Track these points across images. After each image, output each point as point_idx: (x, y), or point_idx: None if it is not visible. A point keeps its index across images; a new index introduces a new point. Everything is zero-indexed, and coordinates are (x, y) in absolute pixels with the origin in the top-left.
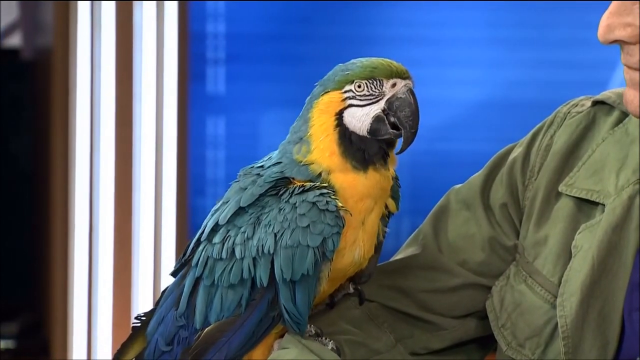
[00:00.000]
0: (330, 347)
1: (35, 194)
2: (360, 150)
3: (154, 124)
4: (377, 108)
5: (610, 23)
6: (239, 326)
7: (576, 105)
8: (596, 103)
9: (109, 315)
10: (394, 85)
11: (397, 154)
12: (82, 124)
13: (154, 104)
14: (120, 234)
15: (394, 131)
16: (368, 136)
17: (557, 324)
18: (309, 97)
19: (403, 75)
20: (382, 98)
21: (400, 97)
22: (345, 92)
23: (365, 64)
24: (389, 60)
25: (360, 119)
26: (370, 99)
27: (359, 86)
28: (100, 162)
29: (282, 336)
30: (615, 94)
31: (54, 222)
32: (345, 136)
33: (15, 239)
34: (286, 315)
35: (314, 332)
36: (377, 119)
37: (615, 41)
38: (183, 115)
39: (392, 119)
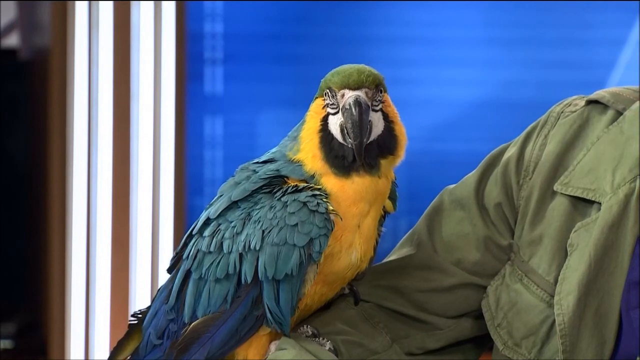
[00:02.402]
0: (327, 347)
1: (32, 193)
2: (339, 157)
3: (152, 123)
4: (339, 117)
5: None
6: (223, 322)
7: (569, 105)
8: (590, 102)
9: (106, 315)
10: (342, 96)
11: (359, 164)
12: (80, 123)
13: (152, 103)
14: (118, 234)
15: (351, 141)
16: (344, 143)
17: (553, 322)
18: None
19: (352, 86)
20: (339, 108)
21: (346, 109)
22: (324, 99)
23: (332, 72)
24: (356, 68)
25: (334, 126)
26: (335, 108)
27: (326, 94)
28: (98, 161)
29: (279, 337)
30: (609, 93)
31: (51, 222)
32: (327, 141)
33: (13, 239)
34: (269, 315)
35: (310, 332)
36: (341, 128)
37: None
38: (180, 115)
39: None
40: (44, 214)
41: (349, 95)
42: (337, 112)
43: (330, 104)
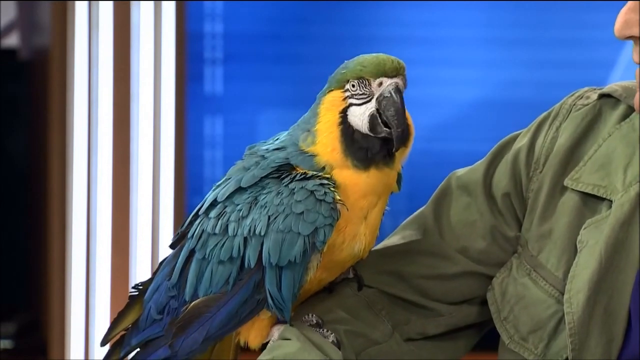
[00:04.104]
0: (331, 339)
1: (32, 193)
2: (363, 149)
3: (152, 123)
4: (371, 107)
5: (628, 19)
6: (223, 304)
7: (581, 97)
8: (602, 96)
9: (106, 315)
10: (380, 84)
11: (394, 152)
12: (80, 123)
13: (152, 103)
14: (118, 234)
15: (387, 129)
16: (370, 134)
17: (561, 318)
18: (319, 93)
19: (390, 74)
20: (373, 97)
21: (386, 97)
22: (345, 91)
23: (358, 62)
24: (384, 56)
25: (359, 117)
26: (364, 98)
27: (353, 85)
28: (98, 162)
29: (279, 321)
30: (621, 87)
31: (51, 222)
32: (348, 134)
33: (13, 239)
34: (270, 300)
35: (314, 321)
36: (372, 117)
37: (630, 37)
38: (180, 115)
39: (384, 117)
40: (44, 214)
41: (389, 83)
42: (367, 102)
43: (358, 95)
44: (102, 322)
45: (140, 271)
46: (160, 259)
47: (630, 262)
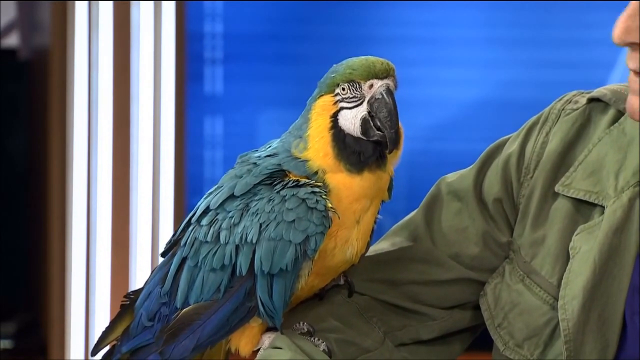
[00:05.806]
0: (322, 348)
1: (32, 193)
2: (355, 152)
3: (152, 123)
4: (362, 110)
5: (628, 25)
6: (214, 311)
7: (570, 102)
8: (591, 100)
9: (106, 315)
10: (371, 86)
11: (388, 154)
12: (80, 123)
13: (152, 103)
14: (118, 234)
15: (379, 132)
16: (363, 137)
17: (556, 325)
18: (309, 99)
19: (380, 76)
20: (364, 100)
21: (378, 99)
22: (336, 95)
23: (347, 65)
24: (373, 58)
25: (351, 121)
26: (355, 101)
27: (343, 89)
28: (98, 162)
29: (269, 329)
30: (610, 91)
31: (51, 221)
32: (340, 138)
33: (13, 239)
34: (261, 308)
35: (306, 330)
36: (364, 121)
37: (629, 44)
38: (180, 115)
39: (376, 120)
40: (44, 214)
41: (380, 85)
42: (358, 105)
43: (349, 98)
44: (102, 322)
45: (140, 271)
46: (160, 259)
47: (624, 269)
